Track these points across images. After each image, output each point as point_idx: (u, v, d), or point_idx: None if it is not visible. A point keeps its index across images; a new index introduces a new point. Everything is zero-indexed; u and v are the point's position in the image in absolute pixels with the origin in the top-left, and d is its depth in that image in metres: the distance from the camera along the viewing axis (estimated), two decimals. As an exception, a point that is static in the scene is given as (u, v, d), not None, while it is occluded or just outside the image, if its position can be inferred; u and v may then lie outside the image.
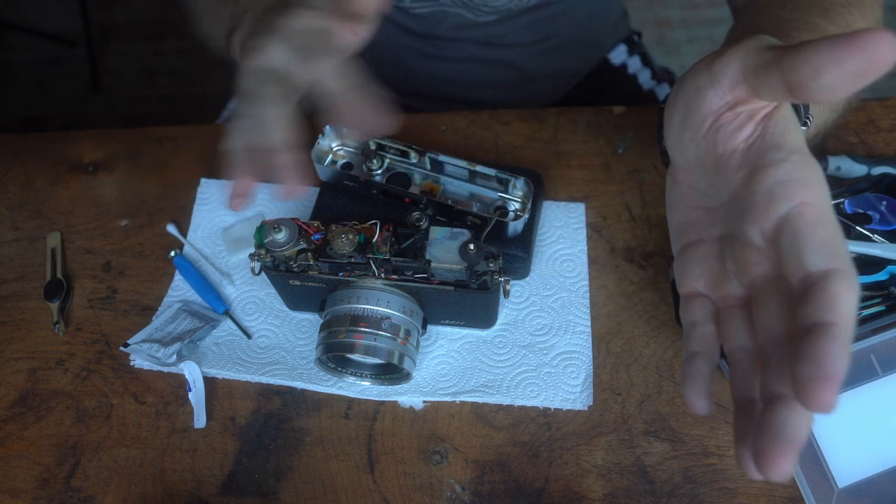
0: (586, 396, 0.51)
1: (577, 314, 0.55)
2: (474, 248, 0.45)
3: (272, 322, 0.56)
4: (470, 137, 0.66)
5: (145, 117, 1.81)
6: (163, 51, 1.93)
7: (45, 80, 1.91)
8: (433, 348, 0.54)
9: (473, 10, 0.72)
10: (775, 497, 0.47)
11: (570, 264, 0.57)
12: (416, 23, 0.74)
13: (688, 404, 0.32)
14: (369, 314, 0.46)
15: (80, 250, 0.61)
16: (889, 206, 0.53)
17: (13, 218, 0.64)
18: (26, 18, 1.98)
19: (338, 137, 0.54)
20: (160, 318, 0.56)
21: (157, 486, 0.50)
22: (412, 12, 0.73)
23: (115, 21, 2.00)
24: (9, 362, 0.56)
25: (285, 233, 0.45)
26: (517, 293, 0.56)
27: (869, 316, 0.48)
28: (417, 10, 0.72)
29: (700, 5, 1.94)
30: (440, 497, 0.48)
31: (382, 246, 0.45)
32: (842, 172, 0.60)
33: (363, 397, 0.52)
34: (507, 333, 0.54)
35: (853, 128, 0.64)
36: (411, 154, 0.52)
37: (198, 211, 0.62)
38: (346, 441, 0.51)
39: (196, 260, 0.59)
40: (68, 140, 0.68)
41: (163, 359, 0.53)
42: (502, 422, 0.51)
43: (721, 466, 0.48)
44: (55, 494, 0.50)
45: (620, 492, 0.48)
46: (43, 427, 0.53)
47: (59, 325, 0.56)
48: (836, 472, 0.46)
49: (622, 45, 0.88)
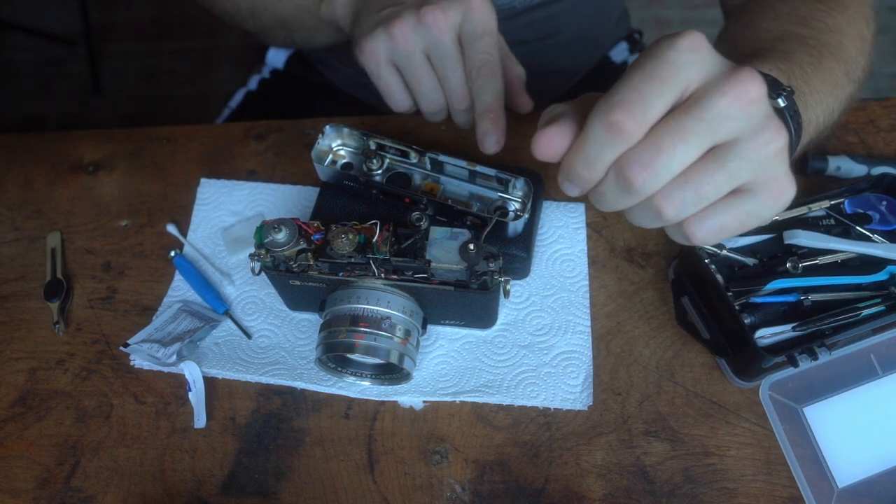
0: (586, 396, 0.51)
1: (577, 314, 0.55)
2: (474, 248, 0.45)
3: (272, 322, 0.56)
4: (470, 137, 0.65)
5: (145, 117, 1.81)
6: (163, 51, 1.93)
7: (45, 80, 1.91)
8: (433, 348, 0.54)
9: None
10: (775, 497, 0.47)
11: (570, 264, 0.57)
12: None
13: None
14: (369, 314, 0.46)
15: (80, 250, 0.61)
16: (889, 206, 0.53)
17: (13, 218, 0.64)
18: (26, 18, 1.98)
19: (338, 137, 0.54)
20: (160, 318, 0.56)
21: (157, 486, 0.50)
22: None
23: (115, 21, 2.00)
24: (9, 362, 0.56)
25: (285, 233, 0.45)
26: (517, 293, 0.56)
27: (869, 316, 0.47)
28: None
29: (700, 5, 1.94)
30: (440, 497, 0.48)
31: (382, 246, 0.45)
32: (842, 172, 0.60)
33: (363, 397, 0.52)
34: (507, 333, 0.54)
35: (853, 128, 0.64)
36: (411, 154, 0.52)
37: (198, 211, 0.62)
38: (346, 441, 0.51)
39: (196, 260, 0.59)
40: (68, 140, 0.68)
41: (163, 359, 0.53)
42: (502, 422, 0.51)
43: (721, 466, 0.48)
44: (55, 494, 0.50)
45: (620, 492, 0.48)
46: (43, 427, 0.53)
47: (59, 325, 0.56)
48: (836, 472, 0.47)
49: (623, 42, 0.88)
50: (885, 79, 1.78)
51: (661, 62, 0.32)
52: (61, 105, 1.85)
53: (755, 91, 0.31)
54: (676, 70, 0.31)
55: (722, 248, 0.51)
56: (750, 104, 0.31)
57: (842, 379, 0.48)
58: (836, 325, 0.48)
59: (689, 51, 0.31)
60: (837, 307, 0.48)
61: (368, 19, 0.51)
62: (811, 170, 0.60)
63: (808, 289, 0.49)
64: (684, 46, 0.31)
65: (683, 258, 0.54)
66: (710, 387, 0.52)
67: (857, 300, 0.49)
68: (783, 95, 0.39)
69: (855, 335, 0.48)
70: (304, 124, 0.67)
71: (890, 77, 1.79)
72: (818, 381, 0.48)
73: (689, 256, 0.51)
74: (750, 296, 0.49)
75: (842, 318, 0.47)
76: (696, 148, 0.32)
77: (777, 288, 0.49)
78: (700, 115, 0.31)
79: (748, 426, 0.50)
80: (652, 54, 0.32)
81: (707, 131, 0.32)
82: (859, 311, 0.47)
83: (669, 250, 0.58)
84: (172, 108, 1.81)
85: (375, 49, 0.49)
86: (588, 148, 0.33)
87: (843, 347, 0.47)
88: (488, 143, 0.50)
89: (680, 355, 0.53)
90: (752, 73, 0.31)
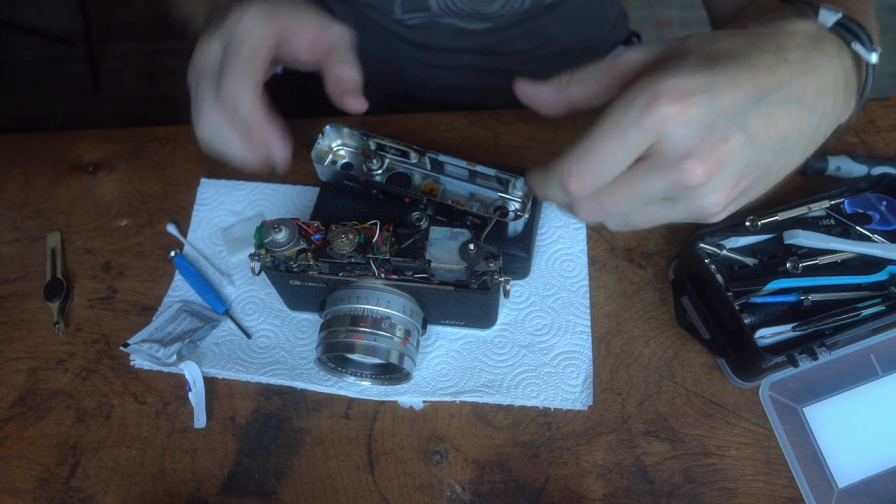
0: (586, 396, 0.51)
1: (577, 314, 0.55)
2: (474, 248, 0.45)
3: (272, 322, 0.56)
4: (470, 137, 0.66)
5: (145, 117, 1.81)
6: (163, 51, 1.93)
7: (45, 79, 1.91)
8: (433, 348, 0.54)
9: (465, 19, 0.71)
10: (775, 497, 0.47)
11: (570, 264, 0.57)
12: (411, 33, 0.74)
13: None
14: (369, 314, 0.46)
15: (80, 250, 0.61)
16: (889, 206, 0.53)
17: (13, 218, 0.64)
18: (26, 18, 1.98)
19: (338, 137, 0.54)
20: (160, 318, 0.56)
21: (157, 486, 0.50)
22: (405, 24, 0.73)
23: (115, 21, 2.00)
24: (9, 362, 0.56)
25: (285, 233, 0.45)
26: (517, 293, 0.56)
27: (869, 316, 0.47)
28: (410, 22, 0.72)
29: (700, 5, 1.93)
30: (440, 497, 0.48)
31: (382, 246, 0.45)
32: (842, 172, 0.60)
33: (363, 397, 0.52)
34: (507, 333, 0.54)
35: (853, 128, 0.64)
36: (411, 154, 0.52)
37: (198, 211, 0.62)
38: (346, 441, 0.51)
39: (196, 260, 0.59)
40: (68, 140, 0.68)
41: (163, 359, 0.53)
42: (502, 422, 0.51)
43: (721, 466, 0.48)
44: (55, 494, 0.50)
45: (620, 492, 0.48)
46: (43, 427, 0.53)
47: (59, 325, 0.56)
48: (836, 472, 0.46)
49: (621, 47, 0.88)
50: (885, 79, 1.78)
51: (632, 129, 0.34)
52: (61, 105, 1.85)
53: (698, 178, 0.34)
54: (642, 139, 0.34)
55: (722, 248, 0.51)
56: (696, 186, 0.34)
57: (842, 379, 0.48)
58: (836, 325, 0.48)
59: (664, 121, 0.33)
60: (837, 307, 0.48)
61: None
62: (811, 170, 0.60)
63: (808, 289, 0.49)
64: (658, 118, 0.33)
65: (683, 258, 0.54)
66: (710, 387, 0.52)
67: (857, 300, 0.49)
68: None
69: (855, 335, 0.48)
70: (303, 124, 0.67)
71: (890, 77, 1.79)
72: (818, 381, 0.48)
73: (689, 256, 0.51)
74: (750, 296, 0.49)
75: (842, 318, 0.47)
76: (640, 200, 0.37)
77: (777, 288, 0.49)
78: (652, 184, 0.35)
79: (748, 426, 0.50)
80: (624, 118, 0.34)
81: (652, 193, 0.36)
82: (859, 311, 0.47)
83: (669, 250, 0.58)
84: (172, 108, 1.81)
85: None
86: (546, 192, 0.39)
87: (843, 347, 0.47)
88: (278, 168, 0.48)
89: (680, 355, 0.53)
90: (698, 163, 0.34)
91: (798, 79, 0.36)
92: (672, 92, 0.33)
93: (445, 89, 0.80)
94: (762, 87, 0.35)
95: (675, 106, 0.33)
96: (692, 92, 0.33)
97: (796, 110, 0.36)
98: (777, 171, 0.38)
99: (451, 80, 0.79)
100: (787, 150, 0.37)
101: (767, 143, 0.36)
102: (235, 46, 0.44)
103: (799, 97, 0.36)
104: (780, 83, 0.35)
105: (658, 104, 0.33)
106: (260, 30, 0.44)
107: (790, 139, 0.36)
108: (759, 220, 0.52)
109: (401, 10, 0.71)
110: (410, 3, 0.70)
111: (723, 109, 0.34)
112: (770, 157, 0.36)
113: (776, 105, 0.35)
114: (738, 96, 0.34)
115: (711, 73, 0.34)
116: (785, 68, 0.36)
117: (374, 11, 0.73)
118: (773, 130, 0.36)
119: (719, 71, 0.34)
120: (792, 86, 0.36)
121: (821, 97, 0.37)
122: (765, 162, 0.36)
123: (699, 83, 0.34)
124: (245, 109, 0.44)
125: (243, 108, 0.44)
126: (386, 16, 0.72)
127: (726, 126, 0.34)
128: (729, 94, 0.34)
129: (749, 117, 0.35)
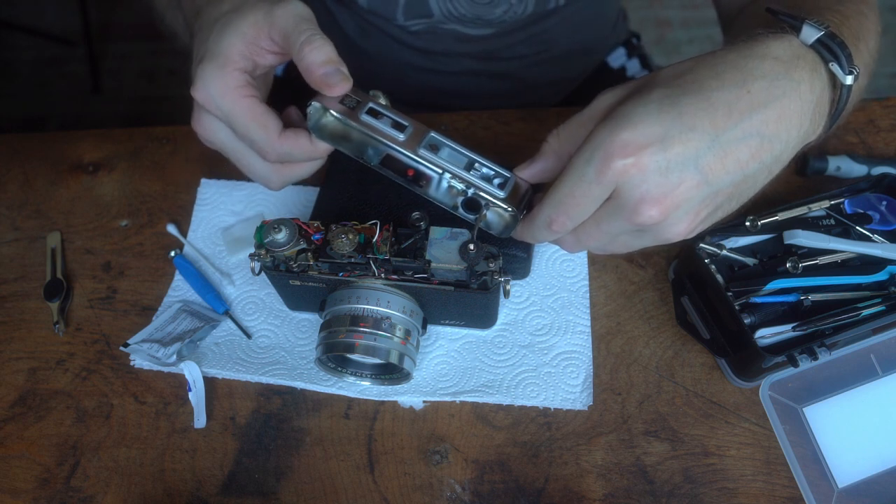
0: (586, 396, 0.51)
1: (577, 314, 0.55)
2: (474, 248, 0.45)
3: (272, 322, 0.56)
4: (470, 137, 0.66)
5: (145, 117, 1.81)
6: (163, 51, 1.93)
7: (45, 79, 1.91)
8: (433, 348, 0.54)
9: (467, 25, 0.72)
10: (775, 497, 0.47)
11: (570, 264, 0.57)
12: (413, 39, 0.74)
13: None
14: (369, 314, 0.46)
15: (80, 250, 0.61)
16: (889, 206, 0.53)
17: (13, 218, 0.64)
18: (26, 18, 1.98)
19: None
20: (160, 318, 0.56)
21: (157, 486, 0.50)
22: (408, 30, 0.73)
23: (115, 21, 2.00)
24: (9, 362, 0.56)
25: (285, 233, 0.45)
26: (517, 293, 0.56)
27: (869, 316, 0.47)
28: (412, 28, 0.72)
29: (700, 5, 1.94)
30: (440, 497, 0.48)
31: (382, 246, 0.45)
32: (842, 172, 0.60)
33: (363, 397, 0.52)
34: (507, 333, 0.54)
35: (853, 128, 0.64)
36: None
37: (198, 211, 0.62)
38: (346, 441, 0.51)
39: (196, 260, 0.59)
40: (68, 140, 0.68)
41: (163, 359, 0.53)
42: (502, 422, 0.51)
43: (721, 466, 0.48)
44: (55, 494, 0.50)
45: (620, 492, 0.48)
46: (43, 427, 0.53)
47: (59, 325, 0.56)
48: (835, 472, 0.46)
49: (621, 48, 0.88)
50: (885, 79, 1.78)
51: (594, 184, 0.37)
52: (61, 105, 1.85)
53: (655, 219, 0.37)
54: (603, 191, 0.38)
55: (722, 248, 0.51)
56: (654, 225, 0.38)
57: (842, 379, 0.48)
58: (836, 325, 0.48)
59: (619, 175, 0.36)
60: (837, 307, 0.48)
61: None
62: (811, 170, 0.60)
63: (808, 289, 0.49)
64: (613, 173, 0.36)
65: (683, 258, 0.54)
66: (710, 387, 0.52)
67: (857, 300, 0.49)
68: (854, 74, 0.40)
69: (855, 335, 0.48)
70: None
71: (890, 77, 1.79)
72: (818, 381, 0.48)
73: (689, 256, 0.51)
74: (750, 296, 0.49)
75: (842, 318, 0.47)
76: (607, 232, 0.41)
77: (777, 288, 0.49)
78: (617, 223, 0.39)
79: (748, 426, 0.50)
80: (586, 174, 0.38)
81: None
82: (859, 311, 0.47)
83: (669, 250, 0.58)
84: (172, 108, 1.81)
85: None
86: (536, 235, 0.43)
87: (843, 347, 0.47)
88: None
89: (680, 355, 0.53)
90: (653, 205, 0.37)
91: (759, 111, 0.37)
92: (625, 147, 0.36)
93: (446, 94, 0.80)
94: (718, 126, 0.36)
95: (628, 160, 0.36)
96: (645, 144, 0.36)
97: (755, 142, 0.37)
98: (740, 195, 0.40)
99: (452, 84, 0.79)
100: (746, 178, 0.38)
101: (725, 176, 0.37)
102: (234, 122, 0.45)
103: (759, 129, 0.37)
104: (739, 118, 0.36)
105: (612, 161, 0.36)
106: (234, 90, 0.44)
107: (749, 168, 0.38)
108: (759, 220, 0.52)
109: (403, 17, 0.71)
110: (413, 10, 0.70)
111: (675, 155, 0.36)
112: (730, 188, 0.38)
113: (733, 142, 0.37)
114: (691, 140, 0.36)
115: (667, 118, 0.36)
116: (746, 102, 0.37)
117: (376, 17, 0.73)
118: (731, 164, 0.37)
119: (675, 115, 0.36)
120: (752, 119, 0.37)
121: (784, 125, 0.38)
122: (725, 191, 0.38)
123: (652, 133, 0.36)
124: (294, 151, 0.46)
125: (295, 154, 0.46)
126: (388, 22, 0.72)
127: (680, 170, 0.36)
128: (682, 139, 0.36)
129: (703, 158, 0.36)
